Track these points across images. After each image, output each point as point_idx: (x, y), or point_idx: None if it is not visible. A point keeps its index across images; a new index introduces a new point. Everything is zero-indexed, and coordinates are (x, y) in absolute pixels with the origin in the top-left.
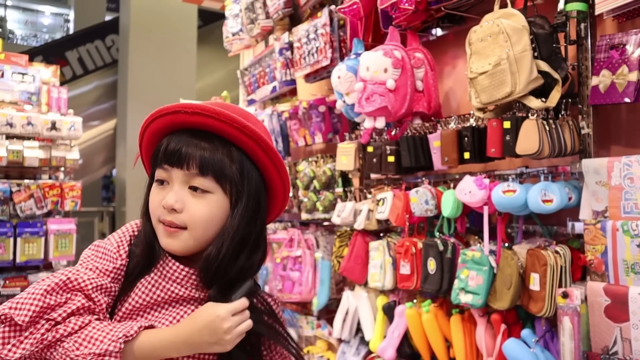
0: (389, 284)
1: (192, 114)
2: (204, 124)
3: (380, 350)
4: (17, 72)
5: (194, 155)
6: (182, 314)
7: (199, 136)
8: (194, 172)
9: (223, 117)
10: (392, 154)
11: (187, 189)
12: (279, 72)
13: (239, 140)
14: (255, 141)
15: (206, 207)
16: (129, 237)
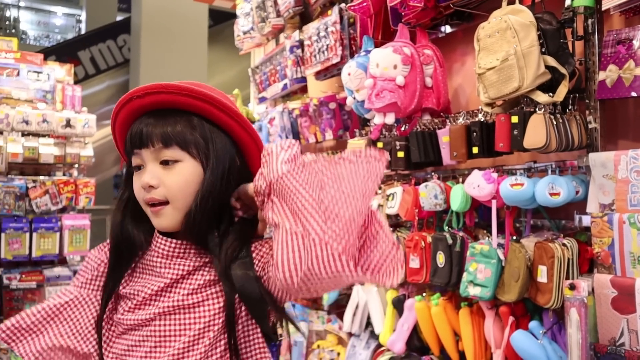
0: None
1: (144, 96)
2: (159, 102)
3: (390, 343)
4: (32, 71)
5: (155, 132)
6: (198, 283)
7: (158, 114)
8: (159, 146)
9: (171, 88)
10: (402, 149)
11: (159, 165)
12: (290, 69)
13: (195, 107)
14: (210, 103)
15: (179, 175)
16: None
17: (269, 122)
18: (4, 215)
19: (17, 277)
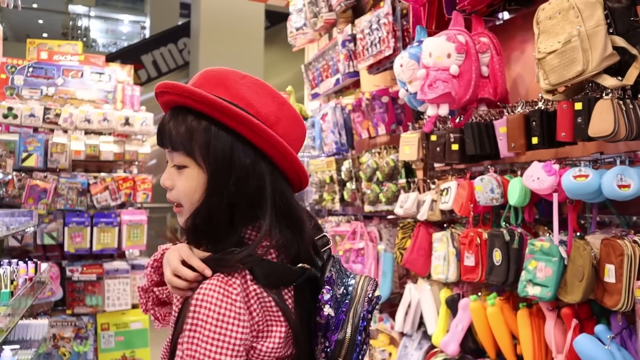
0: (452, 276)
1: (157, 95)
2: (171, 102)
3: (443, 344)
4: (95, 72)
5: (165, 133)
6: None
7: (174, 113)
8: (169, 149)
9: (175, 89)
10: (456, 142)
11: (174, 167)
12: (342, 64)
13: (200, 110)
14: (211, 106)
15: (186, 180)
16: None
17: (321, 118)
18: (68, 210)
19: (78, 270)
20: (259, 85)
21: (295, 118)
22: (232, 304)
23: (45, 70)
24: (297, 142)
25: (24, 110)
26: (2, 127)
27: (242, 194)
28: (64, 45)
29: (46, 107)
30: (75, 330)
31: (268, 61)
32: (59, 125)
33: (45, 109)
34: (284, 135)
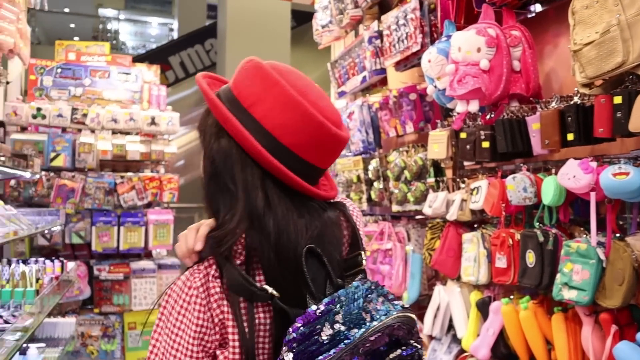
0: (483, 278)
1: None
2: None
3: (473, 349)
4: (121, 72)
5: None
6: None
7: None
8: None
9: (199, 76)
10: (487, 139)
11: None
12: (369, 61)
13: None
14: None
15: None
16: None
17: (348, 117)
18: (95, 210)
19: (106, 269)
20: (257, 67)
21: (286, 101)
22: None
23: (73, 71)
24: (286, 128)
25: (52, 110)
26: (32, 128)
27: (210, 177)
28: (91, 47)
29: (74, 108)
30: (103, 328)
31: (295, 61)
32: (86, 125)
33: (72, 109)
34: (263, 117)
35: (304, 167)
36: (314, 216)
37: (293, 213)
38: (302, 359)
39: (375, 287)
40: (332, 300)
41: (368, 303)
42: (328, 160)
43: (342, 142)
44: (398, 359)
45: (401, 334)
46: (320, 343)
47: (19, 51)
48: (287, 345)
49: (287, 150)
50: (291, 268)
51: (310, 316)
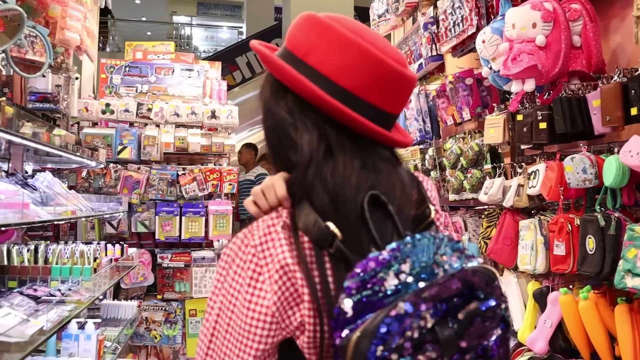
0: (540, 266)
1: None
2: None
3: (530, 341)
4: (185, 69)
5: None
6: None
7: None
8: None
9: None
10: (544, 119)
11: None
12: (425, 48)
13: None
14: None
15: None
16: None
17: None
18: (159, 200)
19: (168, 257)
20: (307, 17)
21: (342, 42)
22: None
23: (140, 68)
24: (344, 70)
25: (119, 106)
26: (102, 124)
27: (273, 132)
28: (157, 46)
29: (139, 103)
30: (165, 314)
31: None
32: (150, 119)
33: (138, 105)
34: (319, 62)
35: (369, 111)
36: (381, 164)
37: (355, 160)
38: (362, 309)
39: (450, 240)
40: (398, 247)
41: (441, 256)
42: (396, 103)
43: (409, 81)
44: (474, 313)
45: (477, 281)
46: (383, 293)
47: (86, 48)
48: (345, 291)
49: (348, 93)
50: (351, 216)
51: (371, 262)
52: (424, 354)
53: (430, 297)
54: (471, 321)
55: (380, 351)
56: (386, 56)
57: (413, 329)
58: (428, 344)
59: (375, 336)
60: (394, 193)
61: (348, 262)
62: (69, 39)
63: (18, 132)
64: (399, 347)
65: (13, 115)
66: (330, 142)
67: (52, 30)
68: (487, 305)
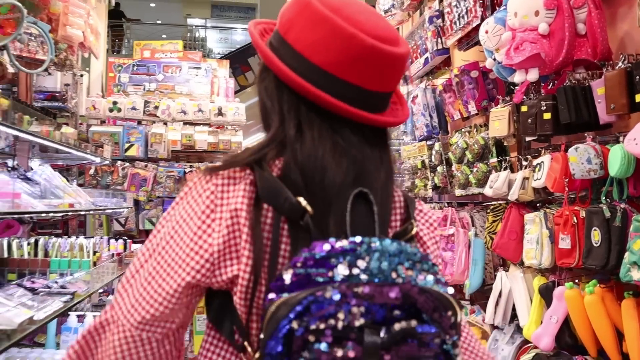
0: (546, 261)
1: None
2: None
3: (535, 337)
4: (192, 67)
5: None
6: None
7: None
8: None
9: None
10: (548, 110)
11: None
12: (430, 42)
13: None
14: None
15: None
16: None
17: (412, 101)
18: (166, 197)
19: None
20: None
21: (315, 19)
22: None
23: (148, 67)
24: (316, 46)
25: (126, 104)
26: (109, 121)
27: (261, 115)
28: (165, 45)
29: (146, 101)
30: None
31: None
32: (157, 117)
33: (145, 102)
34: (296, 40)
35: (345, 89)
36: (355, 145)
37: (326, 139)
38: (301, 283)
39: (423, 259)
40: (362, 242)
41: (406, 269)
42: (376, 80)
43: (389, 56)
44: (410, 332)
45: (421, 302)
46: (330, 278)
47: (90, 45)
48: (292, 262)
49: (320, 70)
50: (318, 196)
51: (329, 245)
52: (343, 349)
53: (362, 294)
54: (404, 339)
55: (296, 325)
56: (362, 32)
57: (337, 319)
58: (350, 342)
59: (293, 308)
60: (373, 186)
61: (309, 238)
62: (71, 36)
63: (14, 124)
64: (318, 331)
65: (9, 108)
66: (301, 119)
67: (54, 26)
68: (424, 329)
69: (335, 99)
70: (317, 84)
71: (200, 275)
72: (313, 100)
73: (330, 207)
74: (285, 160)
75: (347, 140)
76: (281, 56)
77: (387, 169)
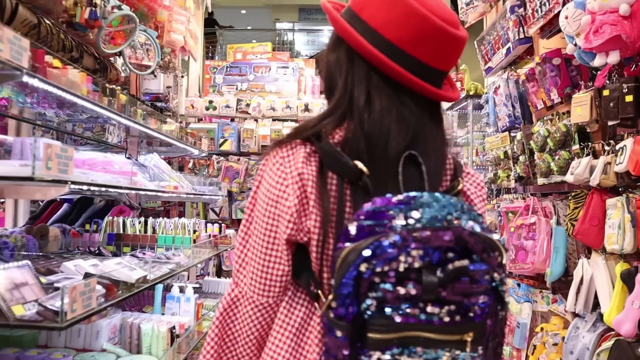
0: (628, 246)
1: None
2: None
3: (616, 323)
4: (280, 67)
5: None
6: None
7: None
8: None
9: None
10: (630, 92)
11: None
12: (512, 31)
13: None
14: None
15: None
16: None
17: (494, 92)
18: None
19: None
20: None
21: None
22: (272, 170)
23: (240, 68)
24: (391, 24)
25: (221, 102)
26: (206, 118)
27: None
28: (256, 47)
29: (238, 99)
30: None
31: (460, 60)
32: (249, 114)
33: (237, 100)
34: (371, 17)
35: (412, 64)
36: (419, 116)
37: (393, 109)
38: (364, 233)
39: (470, 209)
40: (415, 196)
41: (455, 218)
42: (441, 59)
43: (454, 38)
44: (463, 270)
45: (472, 243)
46: (389, 228)
47: (190, 49)
48: (355, 216)
49: (392, 45)
50: (379, 161)
51: (387, 200)
52: (405, 288)
53: (420, 238)
54: (458, 277)
55: (364, 268)
56: (432, 14)
57: (399, 261)
58: (411, 282)
59: (360, 254)
60: (428, 151)
61: (368, 195)
62: (174, 40)
63: (130, 117)
64: (382, 273)
65: (126, 103)
66: (371, 89)
67: (160, 33)
68: (476, 267)
69: (406, 71)
70: (389, 57)
71: (290, 231)
72: (385, 71)
73: (388, 169)
74: (350, 128)
75: (410, 110)
76: (356, 30)
77: (442, 137)
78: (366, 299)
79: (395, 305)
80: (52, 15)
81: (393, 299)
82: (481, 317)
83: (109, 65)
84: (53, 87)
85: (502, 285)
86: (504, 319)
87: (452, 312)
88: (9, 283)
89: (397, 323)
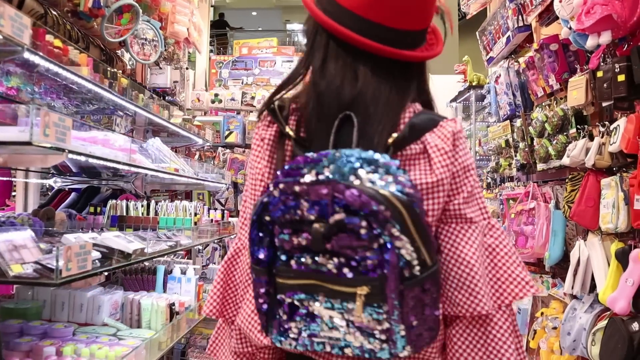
0: (622, 224)
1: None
2: None
3: (610, 301)
4: (285, 61)
5: None
6: None
7: None
8: None
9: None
10: (622, 71)
11: None
12: (511, 20)
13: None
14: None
15: None
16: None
17: (495, 81)
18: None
19: None
20: None
21: None
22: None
23: (245, 62)
24: None
25: (226, 95)
26: (212, 111)
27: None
28: (262, 42)
29: (243, 92)
30: None
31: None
32: (254, 106)
33: (242, 94)
34: None
35: (371, 28)
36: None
37: (346, 72)
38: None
39: (386, 165)
40: (328, 153)
41: (367, 172)
42: (402, 18)
43: None
44: (340, 224)
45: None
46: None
47: (194, 41)
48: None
49: (349, 12)
50: (322, 120)
51: (303, 159)
52: (298, 238)
53: (298, 191)
54: (340, 229)
55: (266, 217)
56: None
57: (291, 212)
58: (304, 233)
59: (260, 202)
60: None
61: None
62: (177, 32)
63: (132, 100)
64: (281, 222)
65: (127, 86)
66: (328, 55)
67: (164, 24)
68: (350, 220)
69: (355, 34)
70: (345, 24)
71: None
72: (341, 37)
73: (329, 129)
74: (304, 91)
75: (363, 73)
76: (322, 4)
77: (399, 98)
78: (276, 248)
79: (292, 254)
80: (58, 7)
81: (290, 248)
82: (375, 272)
83: (115, 57)
84: (54, 65)
85: (397, 241)
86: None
87: (341, 264)
88: (10, 245)
89: (294, 270)
